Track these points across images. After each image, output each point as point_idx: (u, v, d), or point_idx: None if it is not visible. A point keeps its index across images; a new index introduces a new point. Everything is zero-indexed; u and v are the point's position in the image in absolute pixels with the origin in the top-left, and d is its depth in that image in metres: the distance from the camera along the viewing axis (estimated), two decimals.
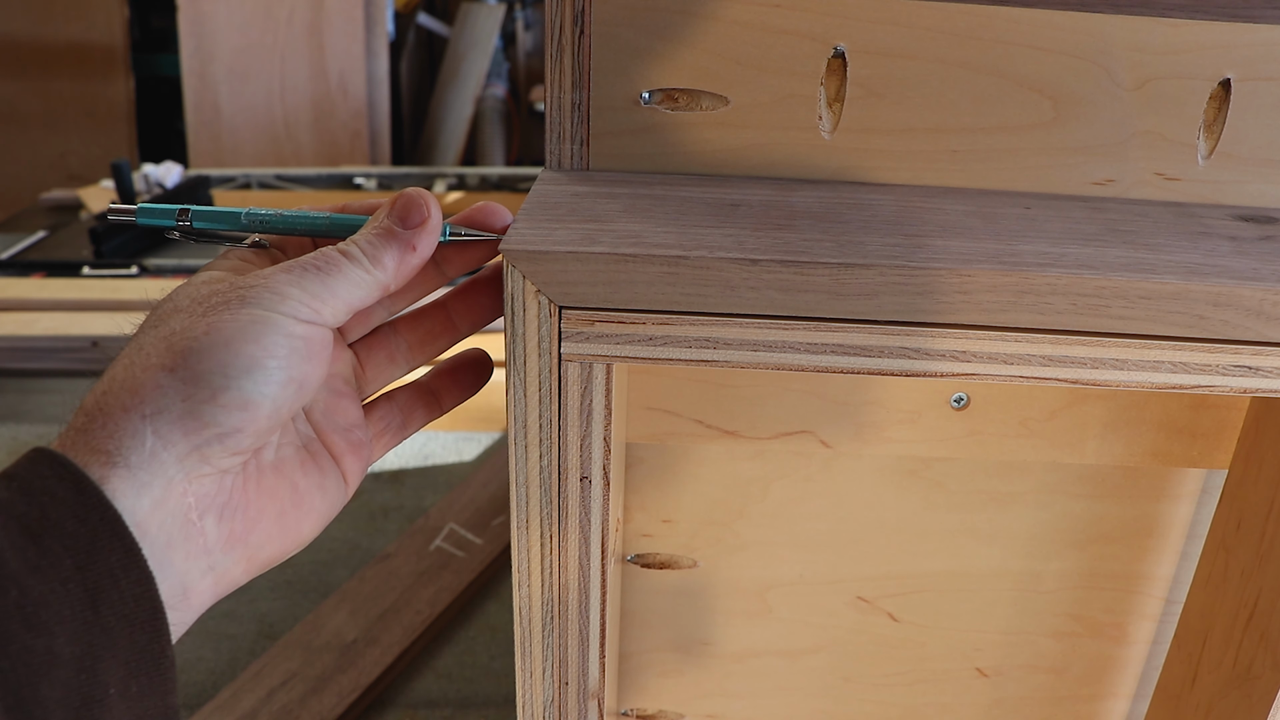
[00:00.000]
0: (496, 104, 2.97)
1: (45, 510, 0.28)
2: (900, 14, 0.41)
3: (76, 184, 2.53)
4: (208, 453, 0.31)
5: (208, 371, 0.30)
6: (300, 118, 2.63)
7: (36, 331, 1.56)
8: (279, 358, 0.31)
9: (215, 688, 1.06)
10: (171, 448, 0.30)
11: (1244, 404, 0.48)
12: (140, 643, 0.29)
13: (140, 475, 0.30)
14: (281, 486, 0.35)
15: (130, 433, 0.30)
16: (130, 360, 0.31)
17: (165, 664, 0.30)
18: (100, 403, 0.31)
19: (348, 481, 0.38)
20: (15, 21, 2.69)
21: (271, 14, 2.57)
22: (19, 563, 0.27)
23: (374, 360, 0.40)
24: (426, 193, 0.36)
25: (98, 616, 0.28)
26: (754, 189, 0.42)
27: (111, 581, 0.28)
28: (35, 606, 0.27)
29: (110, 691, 0.28)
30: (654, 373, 0.48)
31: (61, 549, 0.28)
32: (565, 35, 0.41)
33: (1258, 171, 0.44)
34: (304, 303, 0.32)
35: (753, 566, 0.54)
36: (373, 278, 0.34)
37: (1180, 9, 0.41)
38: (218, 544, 0.32)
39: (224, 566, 0.33)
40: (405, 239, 0.35)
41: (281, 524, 0.35)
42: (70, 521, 0.28)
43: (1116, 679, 0.57)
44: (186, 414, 0.30)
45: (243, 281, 0.33)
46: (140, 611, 0.29)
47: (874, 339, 0.36)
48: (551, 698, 0.44)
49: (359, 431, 0.39)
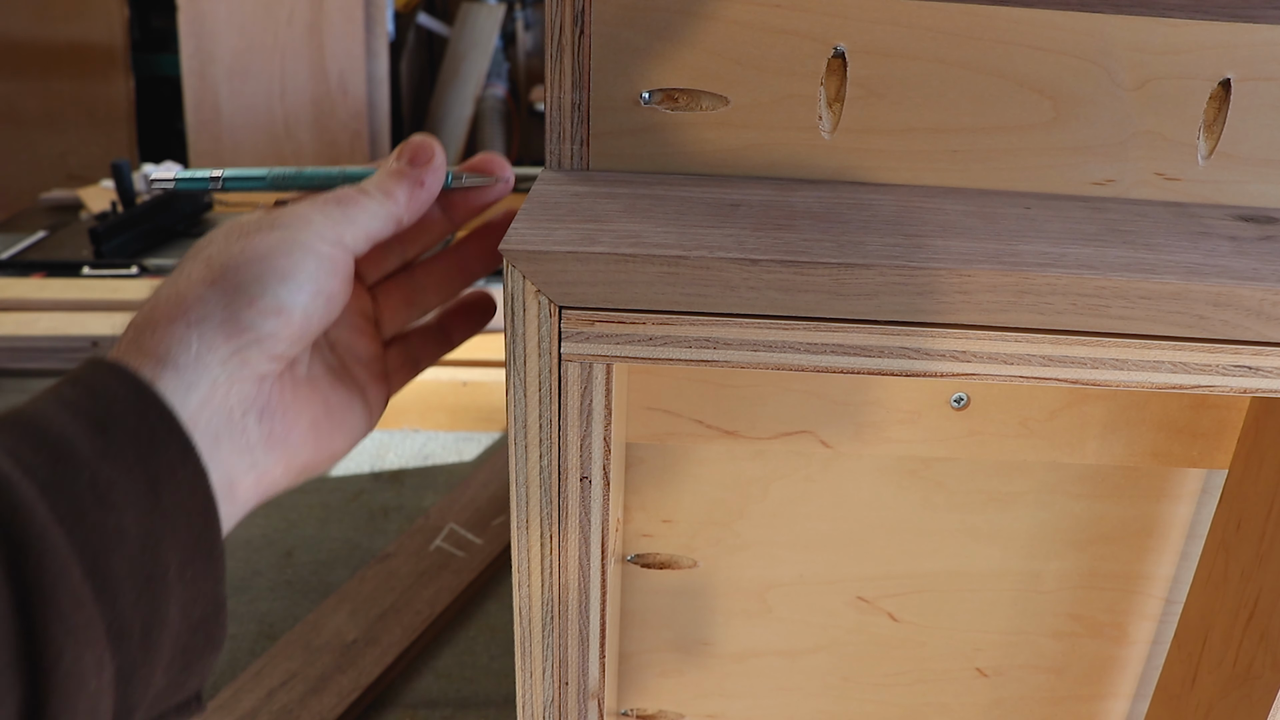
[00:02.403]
0: (496, 104, 2.97)
1: (110, 407, 0.31)
2: (900, 14, 0.41)
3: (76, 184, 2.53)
4: (247, 355, 0.34)
5: (245, 281, 0.34)
6: (300, 118, 2.62)
7: (36, 331, 1.56)
8: (308, 270, 0.35)
9: (215, 688, 1.06)
10: (215, 351, 0.33)
11: (1244, 404, 0.48)
12: (195, 530, 0.32)
13: (187, 375, 0.33)
14: (315, 398, 0.38)
15: (177, 339, 0.33)
16: (174, 280, 0.35)
17: (217, 553, 0.33)
18: (148, 317, 0.34)
19: (371, 410, 0.41)
20: (15, 21, 2.69)
21: (271, 14, 2.57)
22: (90, 450, 0.30)
23: (392, 303, 0.43)
24: (432, 138, 0.39)
25: (159, 502, 0.31)
26: (754, 189, 0.42)
27: (170, 472, 0.31)
28: (106, 488, 0.30)
29: (169, 572, 0.31)
30: (654, 373, 0.48)
31: (126, 440, 0.31)
32: (565, 35, 0.41)
33: (1258, 171, 0.44)
34: (328, 227, 0.36)
35: (753, 566, 0.54)
36: (386, 209, 0.38)
37: (1180, 9, 0.41)
38: (259, 442, 0.35)
39: (265, 465, 0.36)
40: (414, 175, 0.38)
41: (316, 432, 0.38)
42: (132, 418, 0.31)
43: (1116, 679, 0.57)
44: (227, 320, 0.33)
45: (272, 212, 0.37)
46: (195, 502, 0.32)
47: (874, 339, 0.36)
48: (551, 698, 0.44)
49: (379, 365, 0.42)
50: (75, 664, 0.28)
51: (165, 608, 0.31)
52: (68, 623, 0.28)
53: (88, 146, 2.76)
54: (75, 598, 0.28)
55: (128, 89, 2.75)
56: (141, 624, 0.30)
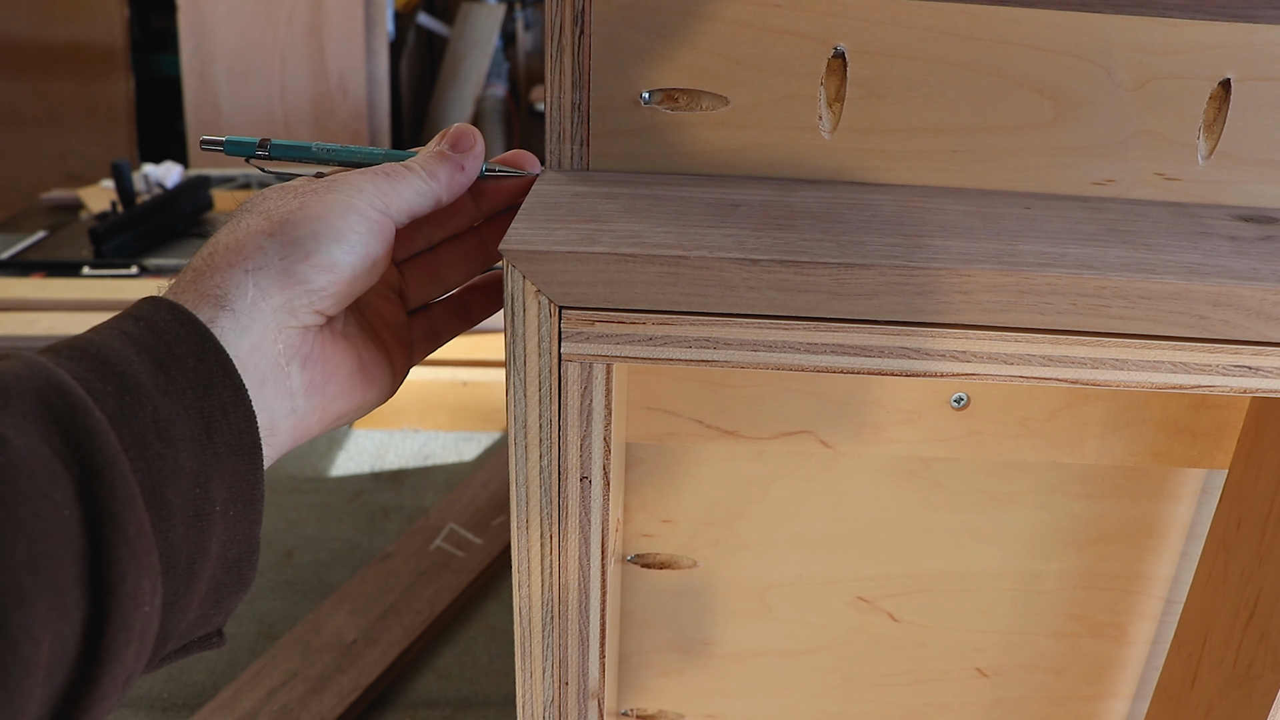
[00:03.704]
0: (496, 104, 2.96)
1: (171, 346, 0.33)
2: (900, 14, 0.41)
3: (76, 184, 2.53)
4: (296, 306, 0.36)
5: (302, 237, 0.36)
6: (300, 118, 2.62)
7: (36, 331, 1.55)
8: (359, 233, 0.37)
9: (215, 688, 1.06)
10: (269, 298, 0.35)
11: (1244, 404, 0.48)
12: (241, 471, 0.34)
13: (242, 319, 0.35)
14: (350, 353, 0.40)
15: (235, 283, 0.35)
16: (232, 229, 0.37)
17: (258, 496, 0.35)
18: (208, 261, 0.36)
19: (395, 374, 0.43)
20: (15, 21, 2.69)
21: (271, 14, 2.57)
22: (153, 386, 0.32)
23: (417, 278, 0.45)
24: (473, 128, 0.42)
25: (211, 442, 0.33)
26: (754, 189, 0.42)
27: (223, 414, 0.33)
28: (166, 423, 0.31)
29: (216, 509, 0.33)
30: (654, 373, 0.48)
31: (185, 380, 0.32)
32: (565, 35, 0.41)
33: (1258, 171, 0.43)
34: (377, 196, 0.38)
35: (753, 566, 0.54)
36: (429, 187, 0.40)
37: (1180, 9, 0.41)
38: (300, 388, 0.37)
39: (304, 411, 0.38)
40: (456, 160, 0.40)
41: (351, 384, 0.40)
42: (190, 359, 0.33)
43: (1116, 679, 0.57)
44: (283, 271, 0.35)
45: (324, 178, 0.39)
46: (244, 444, 0.34)
47: (874, 339, 0.36)
48: (551, 698, 0.44)
49: (404, 332, 0.44)
50: (135, 587, 0.29)
51: (209, 542, 0.33)
52: (132, 547, 0.29)
53: (88, 146, 2.75)
54: (139, 525, 0.30)
55: (128, 89, 2.75)
56: (188, 556, 0.32)
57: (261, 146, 0.42)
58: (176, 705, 1.03)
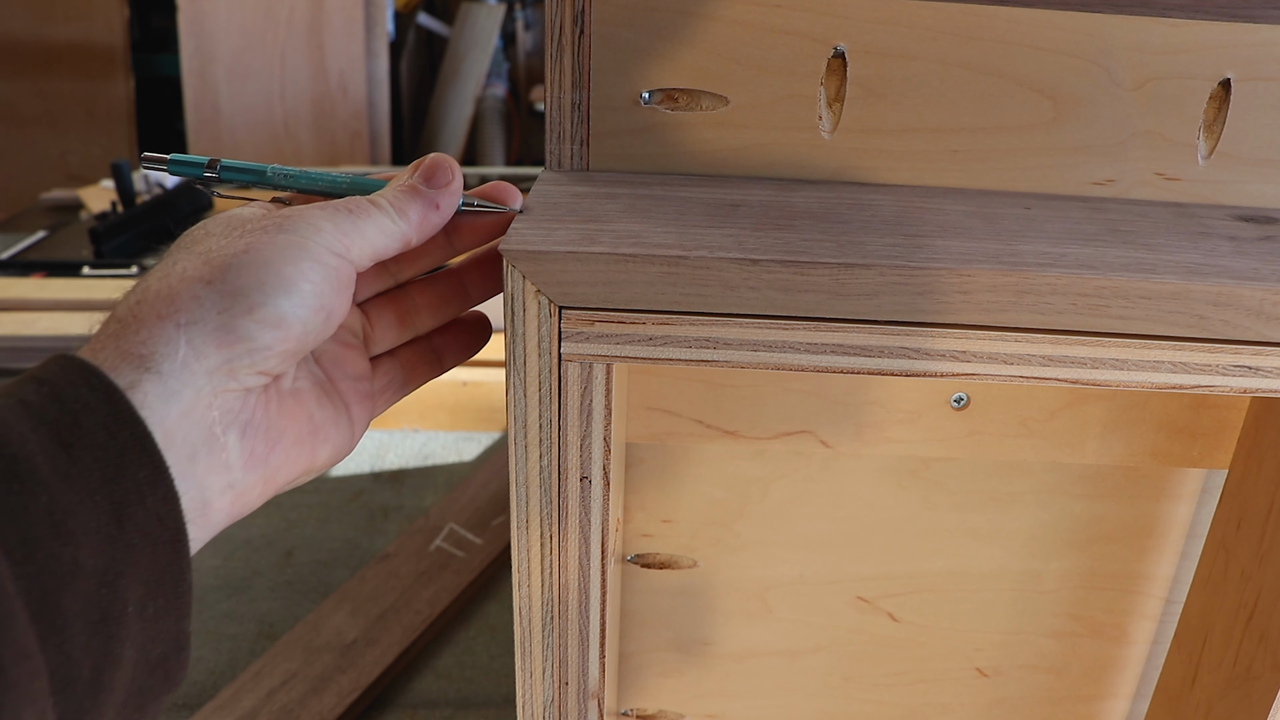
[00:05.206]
0: (496, 104, 2.96)
1: (77, 419, 0.28)
2: (900, 14, 0.41)
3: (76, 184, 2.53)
4: (236, 367, 0.31)
5: (246, 286, 0.31)
6: (300, 118, 2.62)
7: (36, 331, 1.55)
8: (313, 282, 0.32)
9: (215, 688, 1.06)
10: (203, 359, 0.31)
11: (1244, 404, 0.48)
12: (161, 562, 0.29)
13: (170, 383, 0.30)
14: (300, 414, 0.36)
15: (164, 340, 0.30)
16: (165, 273, 0.32)
17: (183, 587, 0.30)
18: (135, 311, 0.31)
19: (354, 428, 0.39)
20: (15, 21, 2.69)
21: (271, 14, 2.57)
22: (50, 469, 0.27)
23: (383, 321, 0.41)
24: (451, 159, 0.37)
25: (122, 532, 0.28)
26: (754, 189, 0.42)
27: (138, 498, 0.28)
28: (64, 515, 0.27)
29: (129, 609, 0.28)
30: (654, 373, 0.48)
31: (91, 460, 0.28)
32: (565, 35, 0.41)
33: (1258, 171, 0.43)
34: (336, 238, 0.33)
35: (753, 566, 0.54)
36: (397, 227, 0.35)
37: (1180, 9, 0.41)
38: (239, 460, 0.33)
39: (243, 485, 0.33)
40: (430, 197, 0.36)
41: (299, 449, 0.36)
42: (101, 433, 0.28)
43: (1116, 679, 0.57)
44: (221, 326, 0.31)
45: (277, 212, 0.34)
46: (164, 531, 0.29)
47: (874, 339, 0.36)
48: (551, 698, 0.44)
49: (365, 383, 0.40)
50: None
51: (120, 648, 0.28)
52: (7, 676, 0.25)
53: (88, 146, 2.75)
54: (18, 649, 0.25)
55: (128, 89, 2.75)
56: (92, 666, 0.28)
57: (210, 168, 0.38)
58: (176, 705, 1.03)
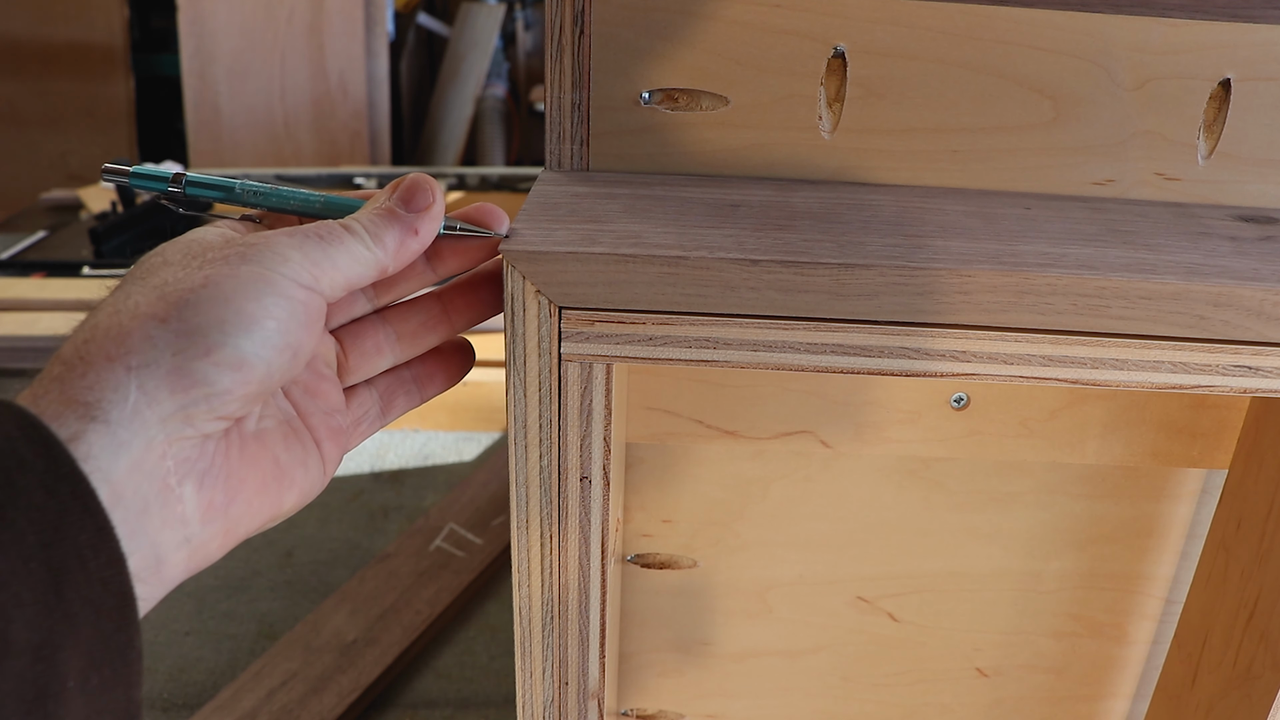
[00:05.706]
0: (496, 104, 2.96)
1: (10, 476, 0.25)
2: (900, 14, 0.41)
3: (76, 184, 2.53)
4: (193, 413, 0.29)
5: (204, 326, 0.29)
6: (300, 118, 2.62)
7: (36, 331, 1.55)
8: (278, 319, 0.30)
9: (215, 688, 1.06)
10: (156, 406, 0.28)
11: (1244, 404, 0.48)
12: (105, 632, 0.26)
13: (119, 433, 0.27)
14: (264, 458, 0.33)
15: (113, 385, 0.27)
16: (116, 308, 0.29)
17: (131, 655, 0.27)
18: (81, 351, 0.28)
19: (325, 466, 0.36)
20: (15, 21, 2.69)
21: (271, 14, 2.57)
22: None
23: (359, 349, 0.38)
24: (431, 179, 0.35)
25: (61, 601, 0.25)
26: (754, 189, 0.42)
27: (79, 563, 0.26)
28: None
29: (69, 684, 0.26)
30: (654, 373, 0.48)
31: (26, 523, 0.25)
32: (565, 35, 0.41)
33: (1258, 171, 0.43)
34: (305, 268, 0.31)
35: (753, 566, 0.54)
36: (372, 255, 0.33)
37: (1180, 9, 0.41)
38: (195, 514, 0.30)
39: (201, 539, 0.30)
40: (408, 222, 0.34)
41: (263, 497, 0.33)
42: (38, 492, 0.25)
43: (1116, 679, 0.57)
44: (176, 370, 0.28)
45: (241, 239, 0.31)
46: (108, 597, 0.26)
47: (874, 339, 0.36)
48: (551, 698, 0.44)
49: (339, 417, 0.37)
50: None
51: None
52: None
53: (88, 146, 2.75)
54: None
55: (128, 89, 2.75)
56: None
57: (175, 183, 0.35)
58: (176, 705, 1.04)
